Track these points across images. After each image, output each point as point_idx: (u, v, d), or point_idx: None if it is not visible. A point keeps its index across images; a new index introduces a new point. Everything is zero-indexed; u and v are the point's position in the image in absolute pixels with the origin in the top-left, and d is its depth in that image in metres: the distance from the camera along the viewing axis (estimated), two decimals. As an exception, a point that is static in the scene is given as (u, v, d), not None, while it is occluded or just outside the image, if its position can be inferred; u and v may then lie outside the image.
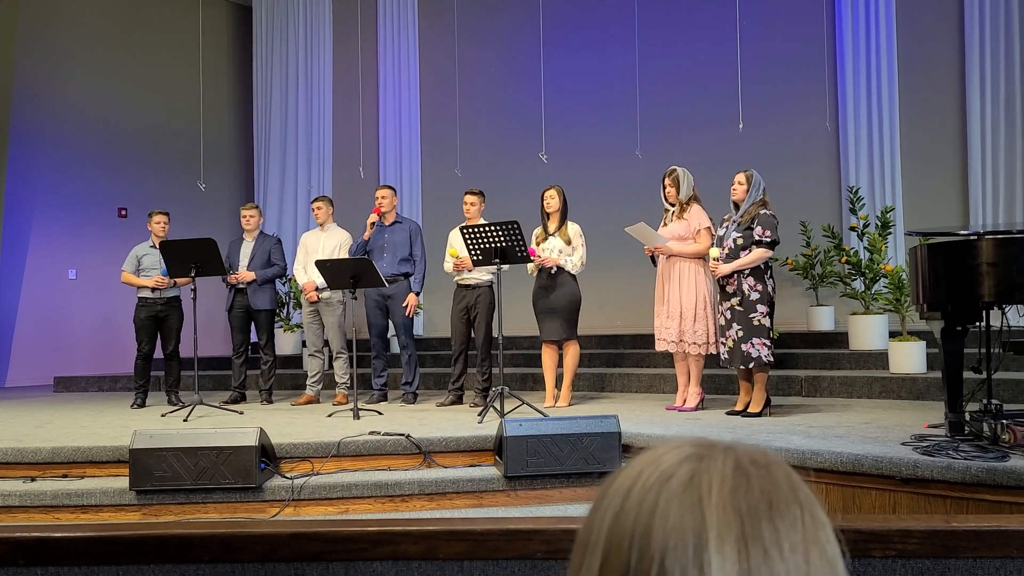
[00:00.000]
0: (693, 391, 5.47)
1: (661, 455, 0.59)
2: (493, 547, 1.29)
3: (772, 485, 0.57)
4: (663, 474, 0.57)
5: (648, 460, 0.59)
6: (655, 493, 0.56)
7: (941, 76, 7.79)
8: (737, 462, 0.58)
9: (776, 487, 0.57)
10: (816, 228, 7.47)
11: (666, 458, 0.58)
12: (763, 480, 0.57)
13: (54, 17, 9.69)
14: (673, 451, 0.59)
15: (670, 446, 0.60)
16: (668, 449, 0.60)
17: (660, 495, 0.56)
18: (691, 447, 0.59)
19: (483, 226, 5.44)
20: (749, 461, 0.58)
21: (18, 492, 4.04)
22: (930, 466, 3.34)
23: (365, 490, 4.06)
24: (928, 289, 3.89)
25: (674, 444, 0.60)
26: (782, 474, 0.58)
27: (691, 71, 8.75)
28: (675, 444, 0.60)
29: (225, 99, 10.89)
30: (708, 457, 0.58)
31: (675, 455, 0.58)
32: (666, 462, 0.58)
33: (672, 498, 0.55)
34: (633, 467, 0.59)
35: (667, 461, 0.58)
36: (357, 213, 8.06)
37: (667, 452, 0.59)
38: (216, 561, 1.27)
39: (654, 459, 0.59)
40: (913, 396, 5.74)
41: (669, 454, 0.59)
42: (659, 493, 0.56)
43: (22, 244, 9.39)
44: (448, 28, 9.43)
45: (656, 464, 0.58)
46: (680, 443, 0.60)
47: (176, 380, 6.72)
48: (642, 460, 0.60)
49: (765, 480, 0.57)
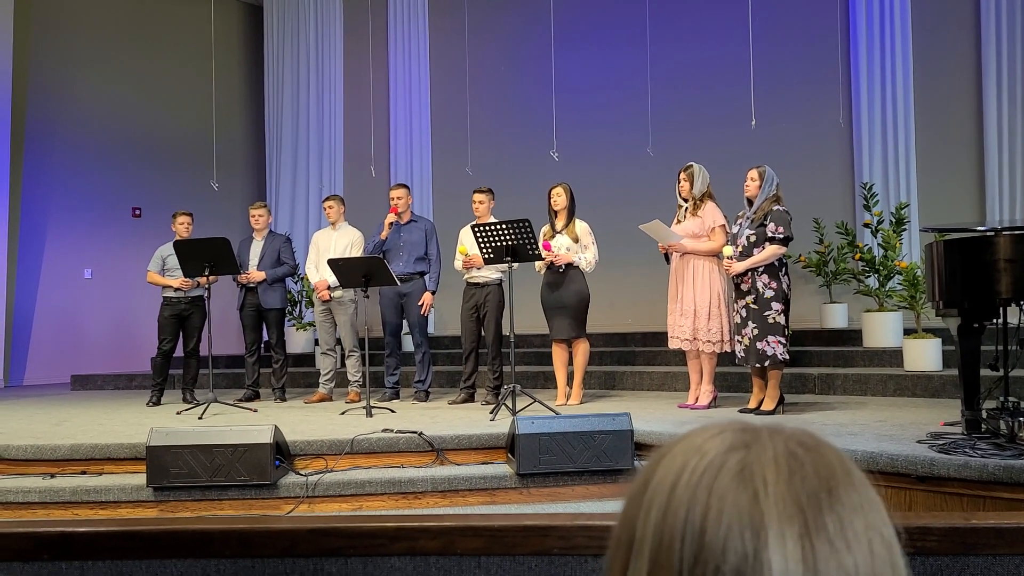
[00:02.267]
0: (706, 389, 5.46)
1: (703, 443, 0.55)
2: (510, 543, 1.30)
3: (827, 469, 0.53)
4: (710, 465, 0.52)
5: (689, 449, 0.55)
6: (704, 488, 0.51)
7: (957, 70, 7.74)
8: (787, 446, 0.53)
9: (831, 470, 0.53)
10: (829, 225, 7.43)
11: (709, 447, 0.54)
12: (817, 464, 0.53)
13: (68, 19, 9.75)
14: (715, 438, 0.55)
15: (710, 432, 0.56)
16: (709, 436, 0.55)
17: (711, 490, 0.51)
18: (734, 433, 0.55)
19: (494, 224, 5.44)
20: (798, 444, 0.54)
21: (38, 488, 4.08)
22: (946, 464, 3.32)
23: (379, 487, 4.07)
24: (944, 286, 3.86)
25: (714, 430, 0.56)
26: (834, 455, 0.54)
27: (702, 68, 8.72)
28: (715, 430, 0.56)
29: (237, 99, 10.94)
30: (755, 444, 0.53)
31: (719, 443, 0.54)
32: (711, 451, 0.53)
33: (724, 493, 0.51)
34: (673, 458, 0.55)
35: (712, 450, 0.54)
36: (368, 212, 8.08)
37: (708, 440, 0.55)
38: (236, 556, 1.29)
39: (696, 448, 0.54)
40: (929, 394, 5.71)
41: (711, 442, 0.54)
42: (709, 488, 0.51)
43: (38, 244, 9.47)
44: (459, 27, 9.44)
45: (699, 454, 0.54)
46: (719, 429, 0.56)
47: (193, 378, 6.77)
48: (682, 450, 0.55)
49: (819, 464, 0.53)
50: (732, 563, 0.49)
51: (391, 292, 6.42)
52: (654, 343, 7.51)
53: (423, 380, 6.52)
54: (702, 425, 0.58)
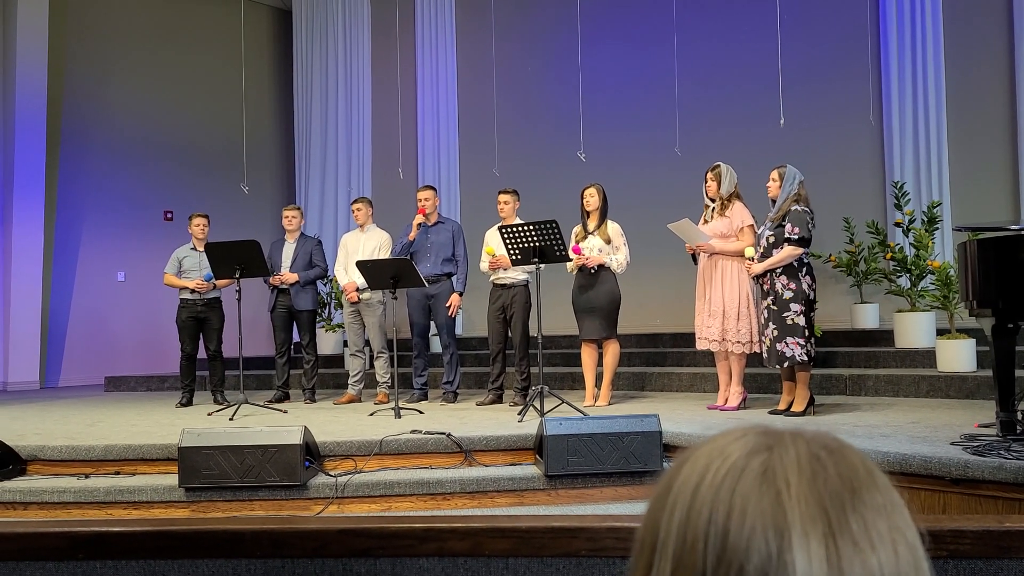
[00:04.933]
0: (735, 390, 5.42)
1: (725, 446, 0.55)
2: (538, 544, 1.30)
3: (851, 470, 0.53)
4: (733, 467, 0.53)
5: (713, 452, 0.55)
6: (727, 490, 0.52)
7: (990, 65, 7.60)
8: (809, 449, 0.54)
9: (855, 472, 0.53)
10: (860, 224, 7.34)
11: (732, 449, 0.55)
12: (840, 466, 0.53)
13: (101, 25, 9.92)
14: (738, 441, 0.55)
15: (733, 436, 0.56)
16: (731, 439, 0.56)
17: (734, 492, 0.52)
18: (756, 436, 0.55)
19: (521, 225, 5.45)
20: (820, 447, 0.54)
21: (73, 488, 4.16)
22: (981, 466, 3.27)
23: (407, 488, 4.09)
24: (978, 285, 3.80)
25: (736, 433, 0.56)
26: (857, 458, 0.55)
27: (730, 66, 8.65)
28: (737, 433, 0.56)
29: (266, 102, 11.06)
30: (777, 446, 0.54)
31: (741, 445, 0.55)
32: (733, 454, 0.54)
33: (748, 494, 0.51)
34: (697, 460, 0.55)
35: (734, 452, 0.54)
36: (396, 214, 8.12)
37: (731, 443, 0.55)
38: (267, 556, 1.30)
39: (719, 451, 0.55)
40: (962, 395, 5.62)
41: (734, 444, 0.55)
42: (732, 490, 0.52)
43: (73, 247, 9.65)
44: (486, 27, 9.46)
45: (723, 456, 0.54)
46: (742, 432, 0.56)
47: (220, 380, 6.83)
48: (706, 452, 0.56)
49: (842, 466, 0.53)
50: (756, 563, 0.49)
51: (419, 293, 6.45)
52: (683, 344, 7.47)
53: (451, 381, 6.55)
54: (725, 429, 0.58)
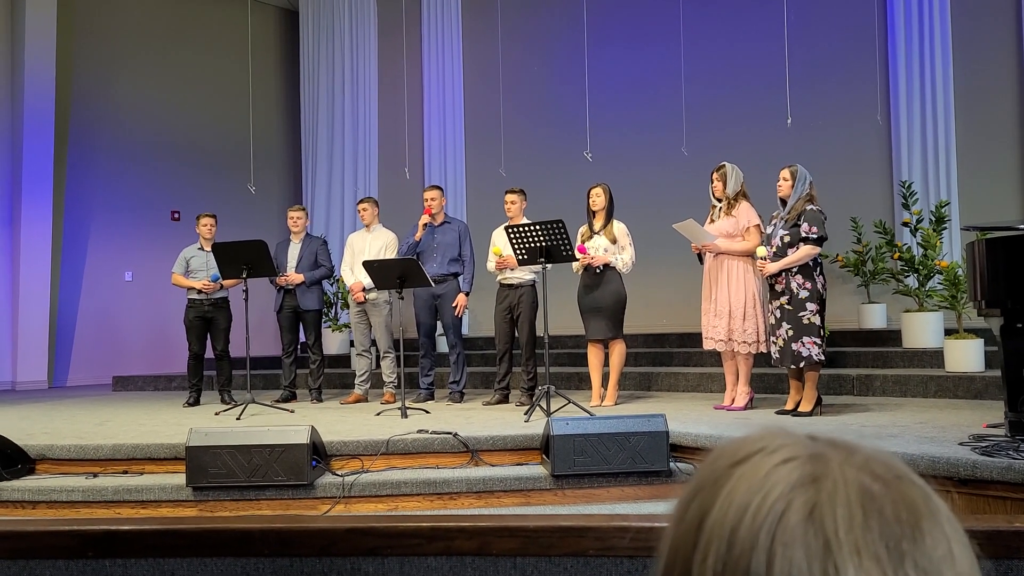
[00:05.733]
0: (742, 390, 5.41)
1: (766, 476, 0.49)
2: (545, 544, 1.30)
3: (909, 509, 0.47)
4: (774, 508, 0.47)
5: (752, 484, 0.49)
6: (767, 533, 0.46)
7: (998, 64, 7.57)
8: (860, 482, 0.47)
9: (914, 508, 0.47)
10: (867, 224, 7.32)
11: (773, 480, 0.48)
12: (897, 504, 0.47)
13: (109, 26, 9.96)
14: (779, 469, 0.49)
15: (773, 460, 0.50)
16: (772, 466, 0.49)
17: (774, 536, 0.46)
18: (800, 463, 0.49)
19: (528, 225, 5.45)
20: (873, 477, 0.48)
21: (81, 488, 4.17)
22: (989, 467, 3.25)
23: (414, 487, 4.09)
24: (986, 285, 3.79)
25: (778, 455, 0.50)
26: (916, 490, 0.49)
27: (737, 66, 8.64)
28: (780, 455, 0.50)
29: (273, 102, 11.09)
30: (825, 478, 0.48)
31: (783, 477, 0.48)
32: (775, 489, 0.48)
33: (792, 543, 0.45)
34: (733, 491, 0.49)
35: (776, 487, 0.48)
36: (403, 214, 8.14)
37: (772, 471, 0.49)
38: (275, 555, 1.31)
39: (759, 482, 0.48)
40: (970, 395, 5.60)
41: (775, 474, 0.49)
42: (772, 533, 0.46)
43: (81, 246, 9.69)
44: (492, 28, 9.46)
45: (763, 491, 0.48)
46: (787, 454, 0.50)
47: (227, 379, 6.84)
48: (743, 482, 0.49)
49: (900, 503, 0.47)
50: None
51: (425, 293, 6.46)
52: (690, 344, 7.45)
53: (457, 381, 6.55)
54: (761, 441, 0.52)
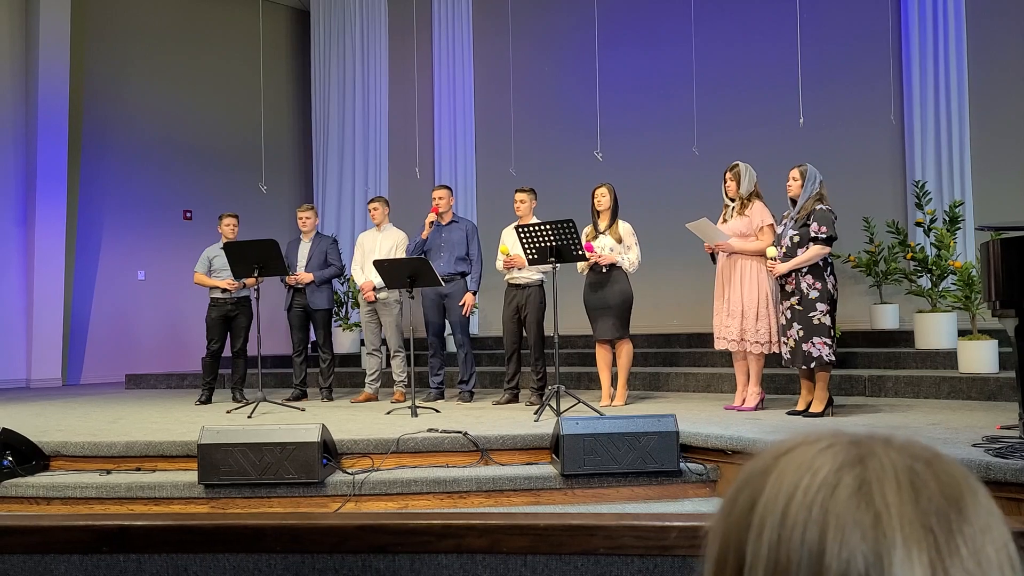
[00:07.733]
0: (753, 391, 5.39)
1: (812, 458, 0.52)
2: (556, 542, 1.30)
3: (953, 485, 0.50)
4: (825, 483, 0.50)
5: (799, 465, 0.52)
6: (820, 507, 0.49)
7: (1013, 64, 7.52)
8: (904, 461, 0.51)
9: (957, 487, 0.50)
10: (880, 224, 7.28)
11: (820, 462, 0.51)
12: (941, 480, 0.50)
13: (121, 27, 10.02)
14: (824, 452, 0.52)
15: (816, 446, 0.53)
16: (816, 450, 0.52)
17: (828, 511, 0.49)
18: (844, 447, 0.52)
19: (538, 225, 5.44)
20: (914, 458, 0.51)
21: (95, 484, 4.20)
22: (1003, 468, 3.23)
23: (424, 486, 4.10)
24: (1001, 286, 3.76)
25: (820, 443, 0.53)
26: (957, 469, 0.51)
27: (749, 65, 8.61)
28: (822, 443, 0.53)
29: (284, 102, 11.13)
30: (870, 458, 0.51)
31: (829, 458, 0.51)
32: (823, 468, 0.51)
33: (844, 514, 0.48)
34: (782, 475, 0.52)
35: (824, 466, 0.51)
36: (413, 213, 8.14)
37: (818, 454, 0.52)
38: (287, 552, 1.31)
39: (806, 464, 0.51)
40: (984, 397, 5.56)
41: (821, 456, 0.52)
42: (825, 508, 0.49)
43: (94, 246, 9.75)
44: (503, 28, 9.46)
45: (811, 470, 0.51)
46: (828, 442, 0.53)
47: (242, 378, 6.89)
48: (791, 465, 0.52)
49: (944, 480, 0.50)
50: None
51: (432, 293, 6.47)
52: (699, 344, 7.44)
53: (466, 380, 6.56)
54: (802, 435, 0.55)
